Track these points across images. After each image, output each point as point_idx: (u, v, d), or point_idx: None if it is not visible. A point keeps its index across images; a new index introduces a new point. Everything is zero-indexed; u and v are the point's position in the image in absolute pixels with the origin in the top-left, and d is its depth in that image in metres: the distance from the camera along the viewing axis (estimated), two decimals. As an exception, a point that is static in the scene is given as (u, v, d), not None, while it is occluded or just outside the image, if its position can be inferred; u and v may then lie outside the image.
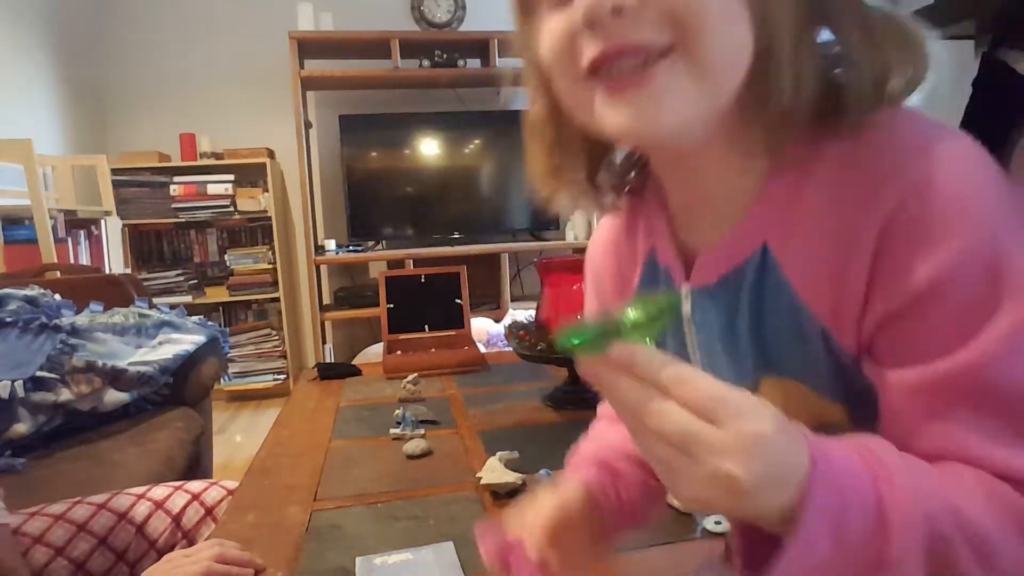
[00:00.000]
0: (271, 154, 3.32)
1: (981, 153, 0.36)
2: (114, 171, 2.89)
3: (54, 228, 2.23)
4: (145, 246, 3.37)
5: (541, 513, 0.49)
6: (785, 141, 0.39)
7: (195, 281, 3.34)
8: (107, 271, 2.56)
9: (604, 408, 0.64)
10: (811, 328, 0.40)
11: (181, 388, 1.66)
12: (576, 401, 1.20)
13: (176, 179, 3.15)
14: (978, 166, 0.36)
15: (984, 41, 1.28)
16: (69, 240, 2.40)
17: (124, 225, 3.04)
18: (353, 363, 1.65)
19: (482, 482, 0.84)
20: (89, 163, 2.77)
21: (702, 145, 0.41)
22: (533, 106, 0.48)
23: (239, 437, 2.79)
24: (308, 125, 3.26)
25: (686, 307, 0.48)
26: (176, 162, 3.21)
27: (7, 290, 1.53)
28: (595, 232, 0.60)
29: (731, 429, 0.30)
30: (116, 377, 1.47)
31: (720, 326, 0.46)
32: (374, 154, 3.31)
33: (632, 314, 0.34)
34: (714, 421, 0.30)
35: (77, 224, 2.54)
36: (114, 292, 1.81)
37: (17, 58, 2.65)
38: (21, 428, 1.33)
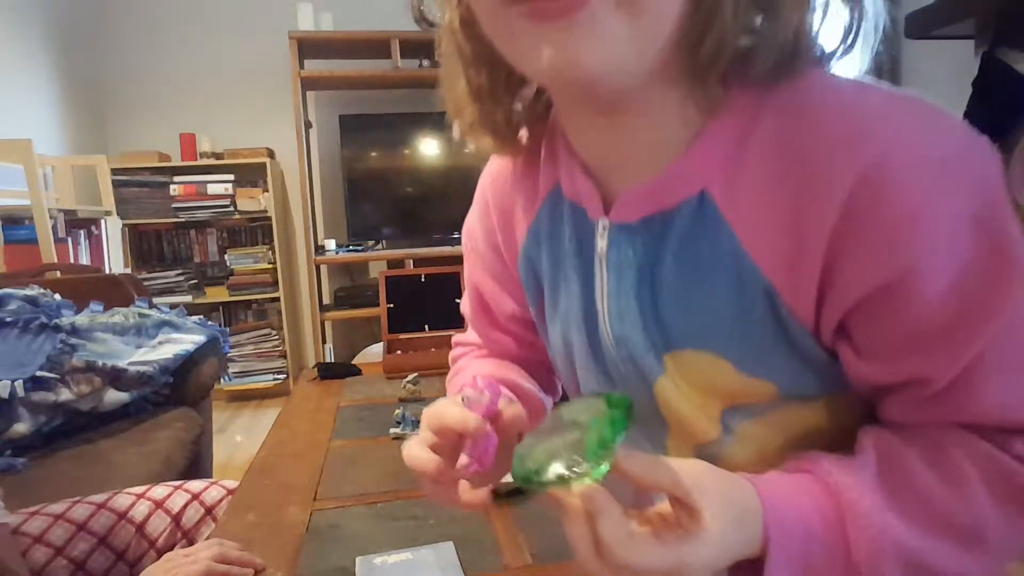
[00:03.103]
0: (271, 154, 3.32)
1: (942, 111, 0.35)
2: (114, 171, 2.89)
3: (54, 228, 2.23)
4: (145, 246, 3.37)
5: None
6: (719, 92, 0.37)
7: (195, 281, 3.34)
8: (107, 271, 2.56)
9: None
10: (754, 284, 0.38)
11: (181, 388, 1.66)
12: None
13: (176, 179, 3.15)
14: (952, 125, 0.34)
15: (984, 41, 1.28)
16: (69, 240, 2.40)
17: (124, 225, 3.04)
18: (353, 363, 1.65)
19: (482, 482, 0.84)
20: (89, 163, 2.77)
21: (633, 92, 0.38)
22: (445, 16, 0.44)
23: (239, 437, 2.79)
24: (308, 125, 3.26)
25: (601, 244, 0.44)
26: (176, 162, 3.21)
27: (7, 290, 1.53)
28: (487, 167, 0.55)
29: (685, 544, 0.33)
30: (116, 377, 1.47)
31: (636, 271, 0.43)
32: (374, 154, 3.31)
33: (598, 464, 0.32)
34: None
35: (77, 224, 2.54)
36: (114, 292, 1.81)
37: (17, 58, 2.65)
38: (21, 428, 1.32)
